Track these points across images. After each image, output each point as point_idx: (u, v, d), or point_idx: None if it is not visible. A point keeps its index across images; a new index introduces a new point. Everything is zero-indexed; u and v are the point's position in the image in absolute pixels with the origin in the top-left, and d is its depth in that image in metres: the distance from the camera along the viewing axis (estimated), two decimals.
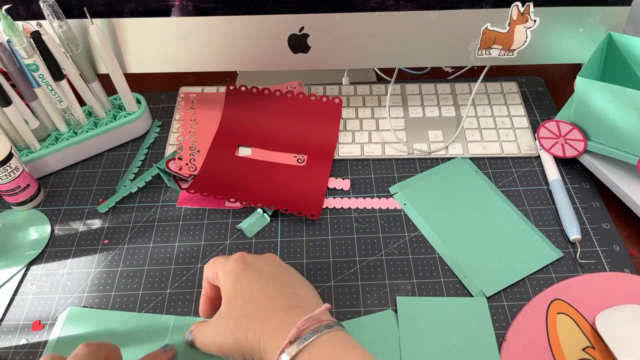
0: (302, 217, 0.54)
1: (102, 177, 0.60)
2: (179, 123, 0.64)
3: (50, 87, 0.55)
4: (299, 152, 0.59)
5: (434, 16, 0.54)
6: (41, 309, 0.49)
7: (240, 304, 0.39)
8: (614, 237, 0.51)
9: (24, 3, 0.53)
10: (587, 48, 0.54)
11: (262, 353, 0.36)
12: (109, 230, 0.55)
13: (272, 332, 0.36)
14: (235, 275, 0.40)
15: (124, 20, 0.55)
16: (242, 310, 0.38)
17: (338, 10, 0.54)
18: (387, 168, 0.59)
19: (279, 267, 0.42)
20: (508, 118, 0.62)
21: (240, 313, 0.38)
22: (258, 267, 0.41)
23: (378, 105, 0.65)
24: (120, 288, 0.50)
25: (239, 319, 0.38)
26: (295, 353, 0.34)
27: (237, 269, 0.41)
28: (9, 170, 0.53)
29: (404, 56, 0.58)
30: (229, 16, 0.55)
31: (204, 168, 0.58)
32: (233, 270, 0.41)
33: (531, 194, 0.55)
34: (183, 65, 0.59)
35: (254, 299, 0.39)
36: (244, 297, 0.39)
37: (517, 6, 0.53)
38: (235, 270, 0.41)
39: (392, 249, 0.51)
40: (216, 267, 0.42)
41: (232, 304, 0.39)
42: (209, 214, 0.56)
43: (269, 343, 0.36)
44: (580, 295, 0.46)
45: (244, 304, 0.39)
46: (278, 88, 0.63)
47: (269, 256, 0.43)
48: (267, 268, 0.41)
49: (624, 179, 0.52)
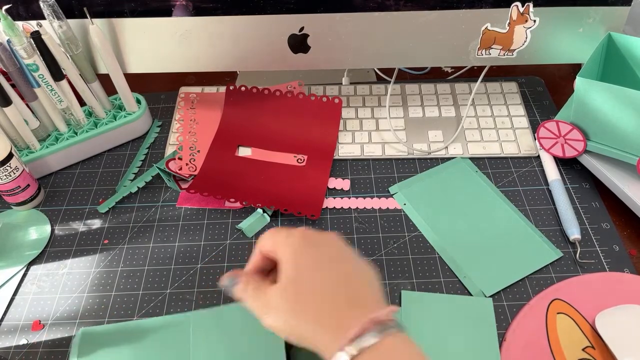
0: (302, 217, 0.54)
1: (102, 177, 0.60)
2: (179, 123, 0.64)
3: (50, 87, 0.55)
4: (299, 152, 0.59)
5: (434, 16, 0.54)
6: (41, 309, 0.49)
7: (299, 290, 0.36)
8: (613, 237, 0.51)
9: (24, 3, 0.53)
10: (587, 48, 0.54)
11: (315, 344, 0.34)
12: (109, 230, 0.55)
13: (329, 327, 0.34)
14: (296, 256, 0.37)
15: (124, 20, 0.55)
16: (299, 297, 0.36)
17: (338, 10, 0.54)
18: (387, 168, 0.59)
19: (342, 252, 0.39)
20: (508, 118, 0.62)
21: (297, 300, 0.36)
22: (322, 250, 0.38)
23: (378, 105, 0.65)
24: (120, 288, 0.50)
25: (295, 306, 0.35)
26: (357, 353, 0.32)
27: (298, 249, 0.38)
28: (9, 170, 0.53)
29: (404, 56, 0.58)
30: (229, 16, 0.55)
31: (204, 168, 0.58)
32: (294, 250, 0.38)
33: (531, 194, 0.55)
34: (183, 65, 0.59)
35: (313, 288, 0.36)
36: (303, 283, 0.36)
37: (517, 6, 0.53)
38: (296, 251, 0.38)
39: (392, 249, 0.51)
40: (276, 241, 0.39)
41: (288, 289, 0.36)
42: (209, 214, 0.56)
43: (326, 338, 0.34)
44: (580, 295, 0.46)
45: (303, 291, 0.36)
46: (278, 88, 0.63)
47: (333, 238, 0.40)
48: (330, 252, 0.38)
49: (624, 179, 0.52)
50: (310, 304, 0.35)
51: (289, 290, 0.36)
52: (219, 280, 0.42)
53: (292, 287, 0.36)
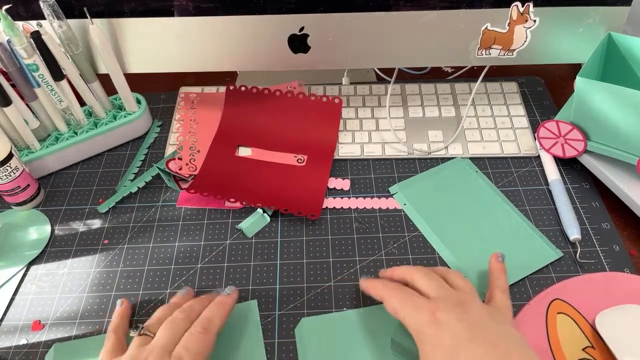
0: (302, 217, 0.54)
1: (102, 177, 0.60)
2: (179, 123, 0.64)
3: (50, 87, 0.55)
4: (299, 152, 0.59)
5: (434, 16, 0.54)
6: (41, 309, 0.49)
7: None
8: (613, 237, 0.51)
9: (24, 3, 0.53)
10: (587, 48, 0.54)
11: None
12: (109, 230, 0.55)
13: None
14: (431, 341, 0.36)
15: (124, 20, 0.55)
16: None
17: (338, 10, 0.54)
18: (387, 168, 0.59)
19: (477, 324, 0.36)
20: (508, 118, 0.62)
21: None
22: (453, 330, 0.35)
23: (378, 105, 0.65)
24: (120, 288, 0.50)
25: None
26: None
27: (429, 332, 0.36)
28: (9, 170, 0.53)
29: (404, 56, 0.58)
30: (229, 16, 0.54)
31: (204, 168, 0.58)
32: (426, 334, 0.36)
33: (531, 194, 0.55)
34: (183, 65, 0.59)
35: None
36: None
37: (517, 6, 0.53)
38: (428, 334, 0.36)
39: (392, 249, 0.51)
40: (405, 319, 0.38)
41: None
42: (209, 214, 0.56)
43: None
44: (580, 295, 0.46)
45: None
46: (278, 88, 0.63)
47: (459, 309, 0.37)
48: (463, 329, 0.35)
49: (624, 179, 0.52)
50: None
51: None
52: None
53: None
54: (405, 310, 0.39)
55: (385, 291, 0.41)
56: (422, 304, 0.38)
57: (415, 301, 0.39)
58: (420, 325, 0.37)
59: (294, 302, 0.48)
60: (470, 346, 0.35)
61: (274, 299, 0.48)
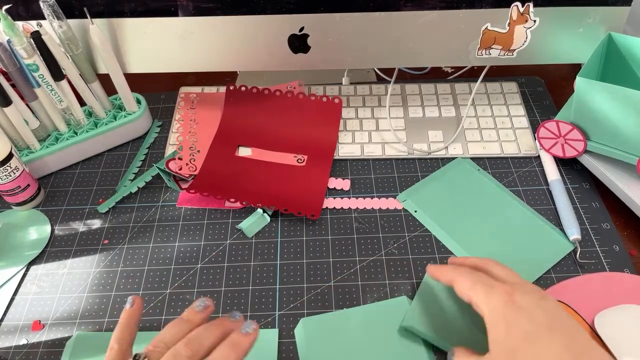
0: (302, 217, 0.54)
1: (102, 177, 0.60)
2: (179, 123, 0.64)
3: (50, 87, 0.55)
4: (299, 152, 0.59)
5: (434, 16, 0.54)
6: (41, 309, 0.49)
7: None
8: (613, 237, 0.51)
9: (24, 3, 0.53)
10: (587, 48, 0.54)
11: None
12: (109, 230, 0.55)
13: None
14: (506, 322, 0.35)
15: (124, 20, 0.55)
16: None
17: (338, 10, 0.54)
18: (387, 168, 0.59)
19: (554, 312, 0.36)
20: (508, 118, 0.62)
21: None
22: (532, 314, 0.35)
23: (378, 105, 0.65)
24: (120, 288, 0.50)
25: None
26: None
27: (505, 313, 0.35)
28: (9, 170, 0.53)
29: (404, 56, 0.58)
30: (229, 16, 0.55)
31: (204, 168, 0.58)
32: (500, 314, 0.35)
33: (531, 194, 0.55)
34: (183, 65, 0.59)
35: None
36: (523, 356, 0.34)
37: (517, 6, 0.53)
38: (503, 315, 0.35)
39: (392, 249, 0.51)
40: (477, 297, 0.37)
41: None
42: (209, 214, 0.56)
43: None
44: (579, 297, 0.46)
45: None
46: (278, 88, 0.63)
47: (537, 295, 0.37)
48: (542, 315, 0.35)
49: (624, 179, 0.52)
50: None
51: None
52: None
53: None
54: (478, 288, 0.37)
55: (456, 273, 0.40)
56: (497, 285, 0.37)
57: (490, 282, 0.38)
58: (496, 305, 0.36)
59: (294, 302, 0.48)
60: (549, 335, 0.34)
61: (274, 299, 0.48)
